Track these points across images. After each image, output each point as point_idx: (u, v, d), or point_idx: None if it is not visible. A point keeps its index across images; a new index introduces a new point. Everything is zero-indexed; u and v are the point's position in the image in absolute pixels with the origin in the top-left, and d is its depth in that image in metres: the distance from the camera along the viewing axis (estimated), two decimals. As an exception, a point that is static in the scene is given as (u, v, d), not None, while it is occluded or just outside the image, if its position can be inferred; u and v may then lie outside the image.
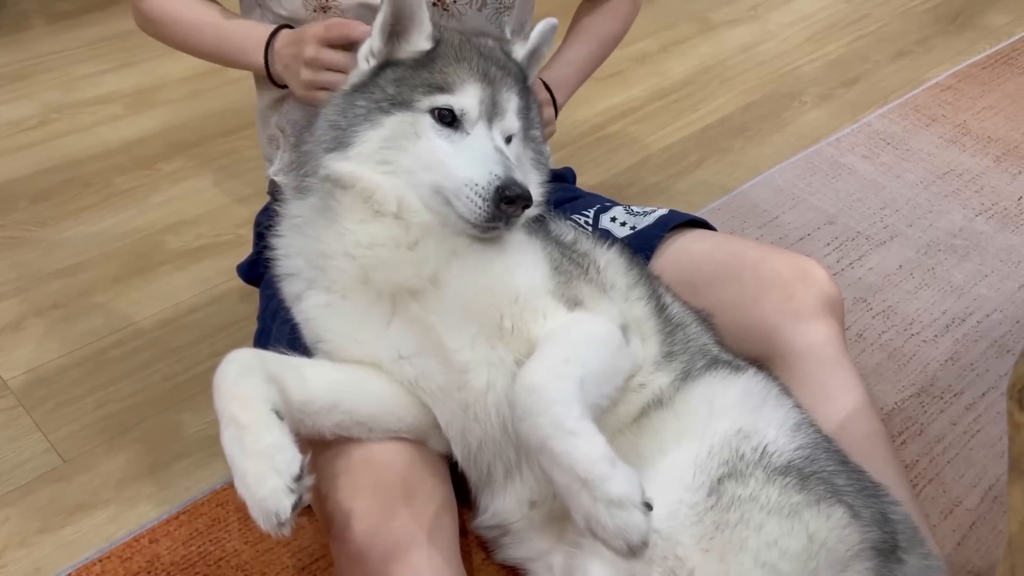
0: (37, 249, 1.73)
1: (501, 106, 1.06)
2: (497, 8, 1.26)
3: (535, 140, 1.15)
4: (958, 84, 2.38)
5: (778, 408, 1.09)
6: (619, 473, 0.86)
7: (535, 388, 0.90)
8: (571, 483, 0.86)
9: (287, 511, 0.83)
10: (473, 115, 1.04)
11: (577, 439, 0.87)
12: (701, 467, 1.00)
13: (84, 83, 2.21)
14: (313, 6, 1.20)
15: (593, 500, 0.85)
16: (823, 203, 1.94)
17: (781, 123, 2.23)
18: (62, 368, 1.50)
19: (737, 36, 2.59)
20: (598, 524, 0.85)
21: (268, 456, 0.86)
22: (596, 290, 1.08)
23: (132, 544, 1.25)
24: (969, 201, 1.96)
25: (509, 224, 1.00)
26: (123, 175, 1.93)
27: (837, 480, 1.01)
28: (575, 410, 0.89)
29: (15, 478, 1.33)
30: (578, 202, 1.42)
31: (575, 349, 0.97)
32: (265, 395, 0.92)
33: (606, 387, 0.99)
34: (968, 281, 1.74)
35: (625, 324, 1.06)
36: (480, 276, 1.03)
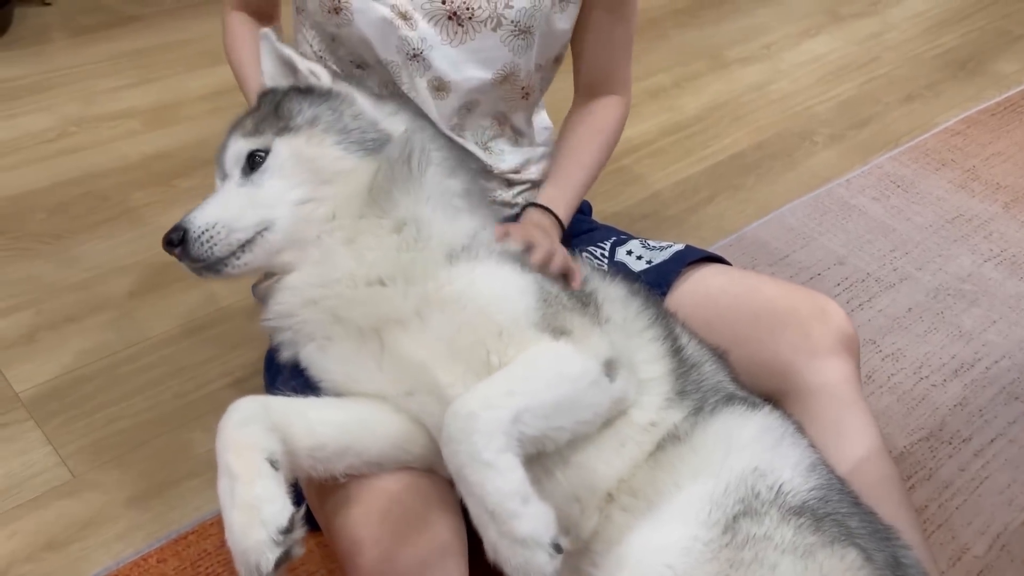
0: (52, 262, 1.74)
1: (223, 164, 1.08)
2: (513, 31, 1.26)
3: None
4: (967, 130, 2.40)
5: (794, 447, 1.09)
6: (529, 512, 0.86)
7: (461, 415, 0.91)
8: (481, 514, 0.87)
9: (270, 564, 0.83)
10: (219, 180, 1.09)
11: (491, 471, 0.87)
12: (717, 504, 1.00)
13: (104, 97, 2.22)
14: (328, 7, 1.22)
15: (499, 535, 0.86)
16: (833, 243, 1.96)
17: (792, 162, 2.25)
18: (74, 382, 1.50)
19: (750, 74, 2.62)
20: (502, 557, 0.86)
21: (255, 507, 0.86)
22: (588, 322, 1.07)
23: (140, 563, 1.24)
24: (978, 247, 1.97)
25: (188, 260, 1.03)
26: (140, 190, 1.94)
27: (851, 522, 1.01)
28: (496, 442, 0.88)
29: (24, 492, 1.33)
30: (594, 234, 1.43)
31: (524, 378, 0.97)
32: (261, 444, 0.91)
33: (558, 420, 0.97)
34: (977, 327, 1.75)
35: (612, 360, 1.04)
36: (461, 312, 1.02)
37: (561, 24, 1.30)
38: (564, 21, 1.30)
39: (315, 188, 1.04)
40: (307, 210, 1.04)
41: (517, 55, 1.27)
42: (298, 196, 1.04)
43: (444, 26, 1.23)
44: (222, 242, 1.01)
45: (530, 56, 1.28)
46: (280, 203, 1.03)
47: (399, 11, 1.21)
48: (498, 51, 1.26)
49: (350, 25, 1.22)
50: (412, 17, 1.21)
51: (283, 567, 0.85)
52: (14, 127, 2.08)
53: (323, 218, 1.05)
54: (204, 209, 1.03)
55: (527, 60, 1.29)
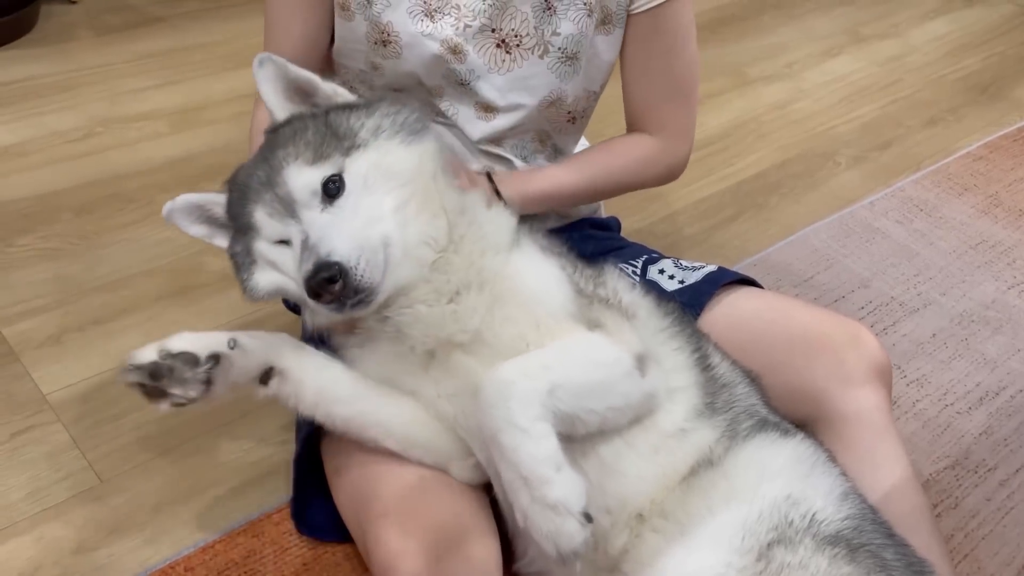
0: (79, 263, 1.74)
1: (289, 196, 1.00)
2: (560, 58, 1.27)
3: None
4: (990, 155, 2.41)
5: (826, 476, 1.09)
6: (562, 478, 0.88)
7: (500, 381, 0.92)
8: (514, 479, 0.89)
9: (137, 359, 0.96)
10: (275, 233, 1.02)
11: (526, 437, 0.89)
12: (750, 531, 1.00)
13: (129, 98, 2.23)
14: (375, 39, 1.22)
15: (531, 500, 0.87)
16: (857, 266, 1.96)
17: (815, 182, 2.26)
18: (101, 385, 1.50)
19: (772, 93, 2.63)
20: (532, 524, 0.88)
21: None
22: (619, 317, 1.08)
23: (167, 571, 1.24)
24: (1001, 273, 1.97)
25: (345, 302, 0.96)
26: (165, 193, 1.90)
27: (885, 554, 1.01)
28: (533, 410, 0.90)
29: (51, 495, 1.33)
30: (624, 251, 1.43)
31: (560, 358, 0.99)
32: (243, 336, 1.01)
33: (591, 402, 0.99)
34: (1002, 355, 1.75)
35: (643, 354, 1.06)
36: (504, 307, 1.03)
37: (606, 50, 1.31)
38: (609, 46, 1.31)
39: (399, 191, 1.02)
40: (403, 216, 1.02)
41: (564, 81, 1.28)
42: (392, 204, 1.01)
43: (492, 55, 1.23)
44: (373, 267, 0.96)
45: (577, 82, 1.30)
46: (383, 217, 1.00)
47: (449, 45, 1.21)
48: (545, 77, 1.27)
49: (397, 57, 1.22)
50: (462, 51, 1.22)
51: (149, 380, 0.96)
52: (41, 125, 2.08)
53: (420, 221, 1.03)
54: (330, 243, 0.95)
55: (574, 86, 1.30)
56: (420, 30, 1.20)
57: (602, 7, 1.26)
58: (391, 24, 1.20)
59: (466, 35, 1.22)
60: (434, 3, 1.20)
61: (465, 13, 1.21)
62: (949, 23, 3.15)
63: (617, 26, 1.29)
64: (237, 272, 1.10)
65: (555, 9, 1.23)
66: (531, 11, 1.23)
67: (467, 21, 1.21)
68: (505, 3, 1.21)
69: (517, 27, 1.23)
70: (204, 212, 1.11)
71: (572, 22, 1.24)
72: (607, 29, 1.29)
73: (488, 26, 1.22)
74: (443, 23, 1.21)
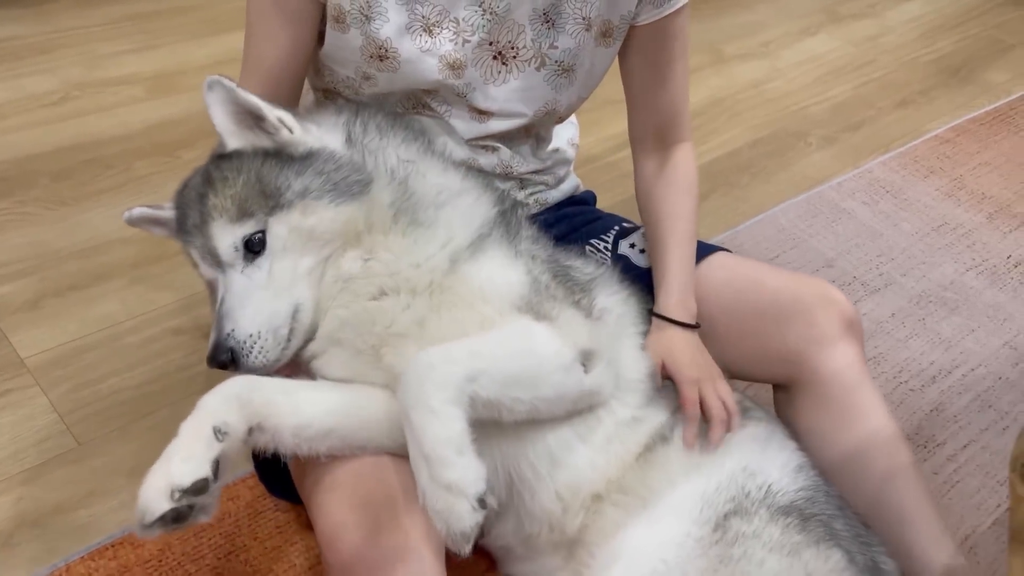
0: (56, 228, 1.75)
1: (215, 251, 1.03)
2: (556, 71, 1.25)
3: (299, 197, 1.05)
4: (956, 138, 2.46)
5: (782, 450, 1.15)
6: (462, 462, 0.90)
7: (422, 364, 0.95)
8: (417, 456, 0.92)
9: (154, 515, 0.89)
10: (208, 274, 1.06)
11: (433, 417, 0.92)
12: (708, 502, 1.06)
13: (107, 62, 2.22)
14: (371, 53, 1.18)
15: (430, 478, 0.91)
16: (823, 246, 2.01)
17: (786, 162, 2.30)
18: (78, 351, 1.53)
19: (748, 71, 2.66)
20: (428, 501, 0.91)
21: (168, 460, 0.93)
22: (574, 312, 1.10)
23: (145, 532, 1.28)
24: (961, 255, 2.03)
25: (239, 371, 1.02)
26: (143, 160, 1.95)
27: (835, 524, 1.07)
28: (446, 393, 0.93)
29: (30, 457, 1.36)
30: (596, 224, 1.44)
31: (490, 346, 1.02)
32: (218, 413, 0.97)
33: (517, 391, 1.01)
34: (956, 334, 1.81)
35: (591, 352, 1.08)
36: (451, 310, 1.06)
37: (603, 60, 1.30)
38: (607, 57, 1.30)
39: (320, 250, 1.04)
40: (318, 275, 1.05)
41: (559, 92, 1.27)
42: (307, 265, 1.04)
43: (489, 66, 1.22)
44: (271, 346, 1.02)
45: (572, 91, 1.29)
46: (297, 280, 1.03)
47: (448, 61, 1.19)
48: (541, 89, 1.26)
49: (394, 72, 1.19)
50: (461, 66, 1.20)
51: (172, 525, 0.91)
52: (18, 88, 2.08)
53: (333, 276, 1.05)
54: (235, 319, 1.01)
55: (568, 95, 1.29)
56: (419, 46, 1.17)
57: (603, 21, 1.24)
58: (389, 40, 1.17)
59: (465, 50, 1.19)
60: (433, 17, 1.17)
61: (464, 27, 1.18)
62: (925, 4, 3.19)
63: (617, 39, 1.27)
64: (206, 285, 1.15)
65: (554, 23, 1.22)
66: (529, 24, 1.21)
67: (466, 36, 1.18)
68: (504, 17, 1.19)
69: (514, 39, 1.20)
70: (160, 222, 1.16)
71: (570, 36, 1.23)
72: (607, 42, 1.26)
73: (486, 40, 1.20)
74: (442, 38, 1.18)
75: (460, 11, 1.17)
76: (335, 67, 1.24)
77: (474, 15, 1.18)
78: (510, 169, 1.33)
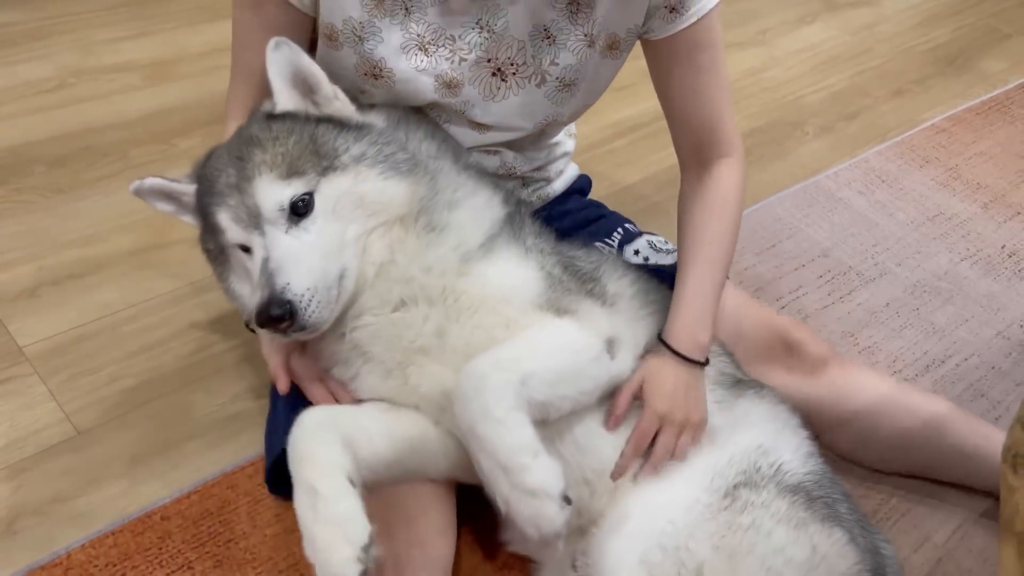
0: (53, 216, 1.75)
1: (255, 209, 1.01)
2: (557, 87, 1.22)
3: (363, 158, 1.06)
4: (952, 128, 2.46)
5: (795, 436, 1.19)
6: (539, 465, 0.92)
7: (474, 376, 0.96)
8: (493, 468, 0.93)
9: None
10: (238, 238, 1.04)
11: (502, 427, 0.93)
12: (720, 473, 1.09)
13: (102, 48, 2.21)
14: (364, 71, 1.17)
15: (511, 487, 0.91)
16: (819, 235, 2.02)
17: (783, 151, 2.30)
18: (77, 339, 1.53)
19: (745, 59, 2.66)
20: (514, 510, 0.92)
21: (340, 525, 0.91)
22: (592, 303, 1.12)
23: (144, 520, 1.29)
24: (955, 245, 2.04)
25: (289, 333, 0.99)
26: (139, 147, 1.95)
27: (839, 507, 1.10)
28: (507, 400, 0.94)
29: (30, 446, 1.37)
30: (600, 224, 1.44)
31: (531, 348, 1.02)
32: (341, 463, 0.96)
33: (563, 388, 1.03)
34: (949, 324, 1.83)
35: (614, 338, 1.11)
36: (473, 316, 1.06)
37: (609, 72, 1.26)
38: (613, 69, 1.26)
39: (365, 220, 1.04)
40: (363, 245, 1.04)
41: (561, 105, 1.24)
42: (354, 233, 1.03)
43: (487, 83, 1.19)
44: (326, 303, 1.00)
45: (575, 102, 1.25)
46: (344, 246, 1.02)
47: (444, 80, 1.17)
48: (541, 104, 1.23)
49: (390, 89, 1.18)
50: (458, 84, 1.17)
51: None
52: (12, 75, 2.07)
53: (378, 249, 1.05)
54: (288, 273, 0.98)
55: (572, 106, 1.26)
56: (414, 65, 1.15)
57: (608, 35, 1.19)
58: (384, 60, 1.14)
59: (462, 68, 1.16)
60: (428, 36, 1.14)
61: (460, 46, 1.15)
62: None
63: (625, 50, 1.23)
64: (212, 267, 1.14)
65: (555, 39, 1.17)
66: (529, 40, 1.16)
67: (463, 55, 1.15)
68: (502, 34, 1.15)
69: (513, 55, 1.17)
70: (171, 196, 1.15)
71: (572, 52, 1.18)
72: (614, 54, 1.22)
73: (484, 57, 1.16)
74: (438, 56, 1.15)
75: (456, 29, 1.14)
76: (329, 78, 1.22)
77: (471, 33, 1.14)
78: (513, 170, 1.33)
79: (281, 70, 1.05)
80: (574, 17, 1.16)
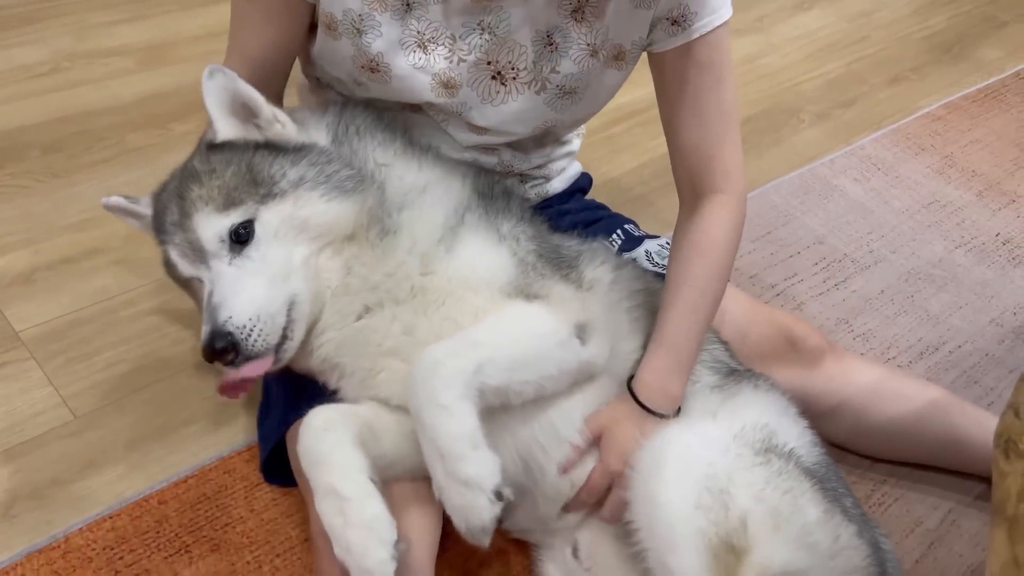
0: (49, 201, 1.75)
1: (198, 243, 1.02)
2: (557, 94, 1.19)
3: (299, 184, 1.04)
4: (948, 115, 2.47)
5: (797, 423, 1.17)
6: (477, 456, 0.92)
7: (426, 363, 0.97)
8: (432, 453, 0.94)
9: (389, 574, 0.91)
10: (188, 272, 1.05)
11: (445, 414, 0.93)
12: (739, 437, 1.06)
13: (97, 32, 2.20)
14: (362, 64, 1.15)
15: (446, 475, 0.92)
16: (814, 223, 2.03)
17: (779, 138, 2.31)
18: (73, 324, 1.53)
19: (742, 46, 2.65)
20: (446, 497, 0.93)
21: (371, 527, 0.92)
22: (565, 287, 1.10)
23: (142, 503, 1.30)
24: (950, 233, 2.05)
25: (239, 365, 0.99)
26: (135, 132, 1.94)
27: (846, 501, 1.10)
28: (455, 389, 0.94)
29: (27, 430, 1.37)
30: (599, 225, 1.42)
31: (490, 334, 1.02)
32: (359, 464, 0.97)
33: (523, 374, 1.02)
34: (944, 311, 1.84)
35: (585, 324, 1.08)
36: (440, 308, 1.06)
37: (614, 82, 1.23)
38: (619, 79, 1.23)
39: (311, 243, 1.03)
40: (314, 267, 1.04)
41: (560, 112, 1.22)
42: (301, 256, 1.03)
43: (487, 86, 1.17)
44: (271, 330, 0.99)
45: (575, 111, 1.24)
46: (291, 271, 1.02)
47: (441, 79, 1.15)
48: (539, 111, 1.21)
49: (386, 84, 1.16)
50: (455, 85, 1.16)
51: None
52: (7, 59, 2.06)
53: (329, 266, 1.05)
54: (230, 306, 0.98)
55: (571, 115, 1.24)
56: (412, 62, 1.13)
57: (613, 46, 1.16)
58: (381, 55, 1.13)
59: (460, 69, 1.15)
60: (428, 33, 1.12)
61: (461, 46, 1.13)
62: (919, -20, 3.18)
63: (631, 62, 1.21)
64: (183, 291, 1.16)
65: (557, 46, 1.14)
66: (531, 46, 1.14)
67: (462, 55, 1.13)
68: (504, 38, 1.13)
69: (515, 60, 1.15)
70: (135, 215, 1.17)
71: (573, 61, 1.16)
72: (619, 64, 1.20)
73: (484, 59, 1.14)
74: (436, 55, 1.13)
75: (458, 29, 1.13)
76: (327, 67, 1.21)
77: (472, 34, 1.13)
78: (511, 168, 1.32)
79: (218, 98, 1.04)
80: (579, 25, 1.14)
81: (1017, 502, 0.74)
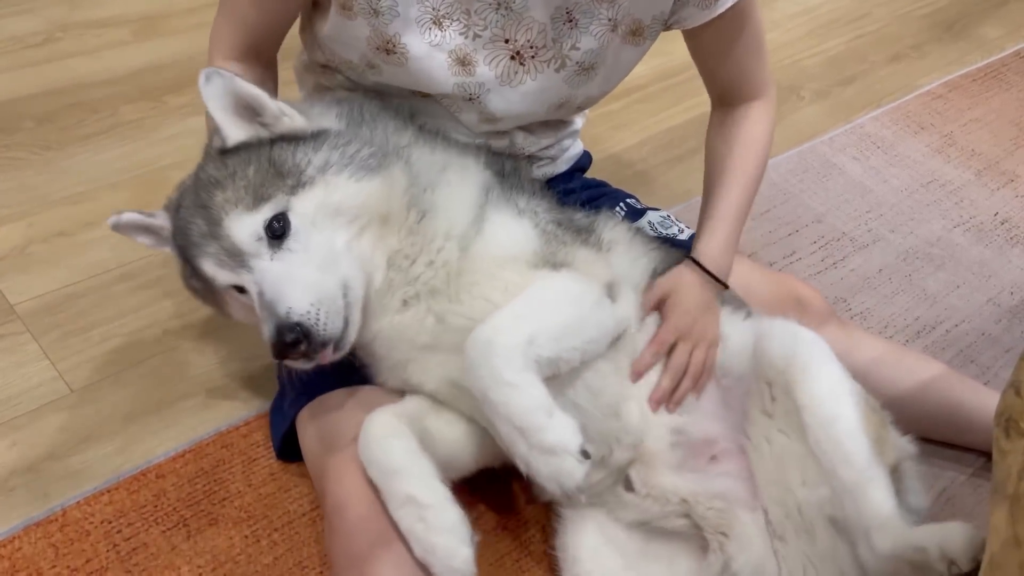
0: (43, 173, 1.73)
1: (234, 248, 0.99)
2: (576, 71, 1.19)
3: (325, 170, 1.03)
4: (948, 94, 2.46)
5: None
6: (555, 423, 0.93)
7: (479, 343, 0.97)
8: (510, 431, 0.94)
9: (474, 570, 0.96)
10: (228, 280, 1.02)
11: (514, 390, 0.94)
12: None
13: (90, 2, 2.17)
14: (377, 45, 1.14)
15: (529, 447, 0.93)
16: (813, 201, 2.02)
17: (779, 116, 2.26)
18: (69, 297, 1.52)
19: (742, 22, 2.63)
20: (534, 469, 0.94)
21: (453, 530, 0.95)
22: (588, 251, 1.13)
23: (139, 477, 1.29)
24: (948, 212, 2.05)
25: (312, 356, 0.98)
26: (130, 104, 1.92)
27: None
28: (515, 362, 0.95)
29: (23, 404, 1.36)
30: (603, 200, 1.43)
31: (530, 306, 1.03)
32: (430, 469, 0.99)
33: (571, 340, 1.03)
34: (941, 291, 1.84)
35: (613, 281, 1.11)
36: (472, 288, 1.06)
37: (631, 58, 1.24)
38: (636, 55, 1.24)
39: (349, 226, 1.01)
40: (357, 250, 1.02)
41: (576, 88, 1.22)
42: (343, 241, 1.01)
43: (505, 67, 1.16)
44: (334, 314, 0.97)
45: (590, 87, 1.23)
46: (337, 256, 1.00)
47: (458, 57, 1.14)
48: (557, 88, 1.20)
49: (402, 66, 1.15)
50: (471, 62, 1.14)
51: None
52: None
53: (375, 249, 1.04)
54: (287, 298, 0.95)
55: (586, 91, 1.24)
56: (428, 40, 1.12)
57: (633, 20, 1.17)
58: (398, 35, 1.11)
59: (476, 45, 1.13)
60: (443, 9, 1.10)
61: (476, 20, 1.12)
62: (921, -44, 3.15)
63: (649, 38, 1.22)
64: (204, 304, 1.13)
65: (576, 22, 1.14)
66: (550, 23, 1.13)
67: (477, 30, 1.12)
68: (520, 13, 1.12)
69: (533, 38, 1.14)
70: (149, 229, 1.13)
71: (594, 37, 1.16)
72: (636, 40, 1.20)
73: (500, 36, 1.13)
74: (451, 31, 1.12)
75: (472, 3, 1.11)
76: (338, 50, 1.19)
77: (487, 8, 1.11)
78: (521, 150, 1.31)
79: (220, 102, 1.01)
80: (599, 1, 1.13)
81: (1018, 481, 0.75)
